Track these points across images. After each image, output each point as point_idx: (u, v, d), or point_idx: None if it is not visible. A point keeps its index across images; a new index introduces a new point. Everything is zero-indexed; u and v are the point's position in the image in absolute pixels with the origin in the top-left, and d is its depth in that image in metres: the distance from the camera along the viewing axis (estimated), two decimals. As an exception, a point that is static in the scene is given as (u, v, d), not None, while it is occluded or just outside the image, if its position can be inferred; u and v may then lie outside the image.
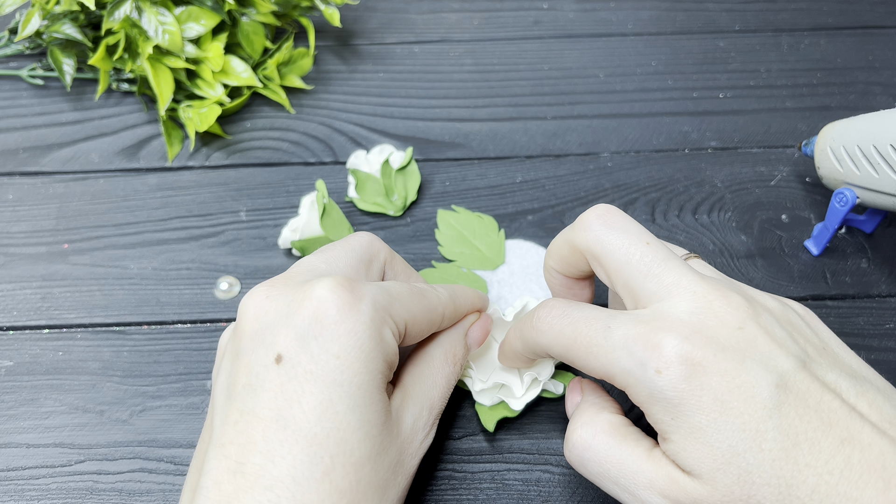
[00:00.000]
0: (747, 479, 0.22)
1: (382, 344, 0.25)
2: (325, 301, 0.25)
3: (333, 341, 0.24)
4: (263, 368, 0.24)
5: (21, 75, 0.47)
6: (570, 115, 0.46)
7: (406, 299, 0.27)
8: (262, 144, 0.44)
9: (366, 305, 0.25)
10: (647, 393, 0.23)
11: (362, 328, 0.25)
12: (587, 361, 0.25)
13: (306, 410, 0.23)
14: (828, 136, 0.37)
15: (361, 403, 0.24)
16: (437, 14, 0.52)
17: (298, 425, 0.23)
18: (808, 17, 0.51)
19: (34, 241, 0.40)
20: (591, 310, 0.26)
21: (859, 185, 0.36)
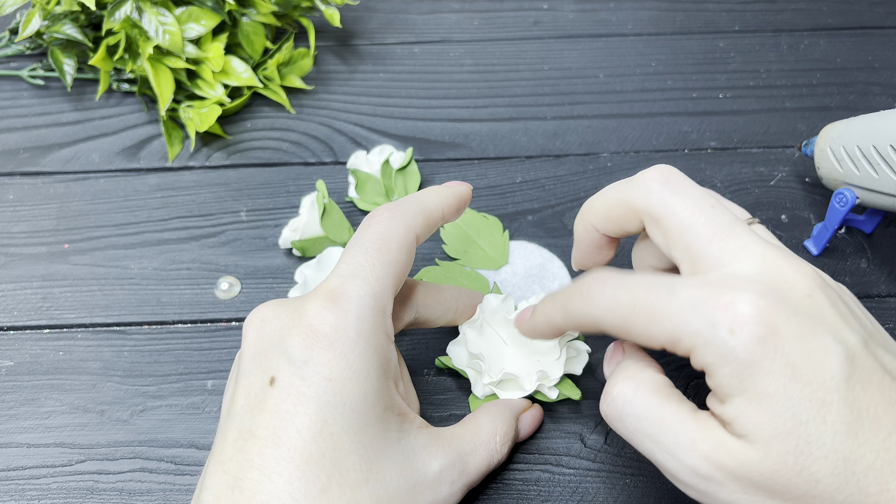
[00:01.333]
0: (805, 450, 0.21)
1: (376, 355, 0.25)
2: (313, 326, 0.25)
3: (324, 365, 0.24)
4: (260, 390, 0.25)
5: (22, 75, 0.47)
6: (570, 116, 0.46)
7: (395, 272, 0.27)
8: (263, 145, 0.45)
9: (352, 322, 0.25)
10: (717, 354, 0.22)
11: (350, 349, 0.24)
12: (648, 328, 0.23)
13: (300, 430, 0.23)
14: (828, 137, 0.37)
15: (356, 426, 0.24)
16: (437, 14, 0.52)
17: (293, 444, 0.23)
18: (807, 18, 0.51)
19: (35, 241, 0.40)
20: (648, 275, 0.24)
21: (859, 185, 0.36)
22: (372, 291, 0.26)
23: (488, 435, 0.29)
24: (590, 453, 0.33)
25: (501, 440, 0.29)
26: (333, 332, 0.24)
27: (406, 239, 0.27)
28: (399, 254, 0.27)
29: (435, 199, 0.29)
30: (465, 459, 0.28)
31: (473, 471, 0.28)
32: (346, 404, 0.24)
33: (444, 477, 0.26)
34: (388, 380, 0.26)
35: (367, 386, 0.25)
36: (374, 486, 0.24)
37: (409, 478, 0.25)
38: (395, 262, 0.26)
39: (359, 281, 0.25)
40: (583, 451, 0.33)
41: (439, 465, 0.26)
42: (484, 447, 0.29)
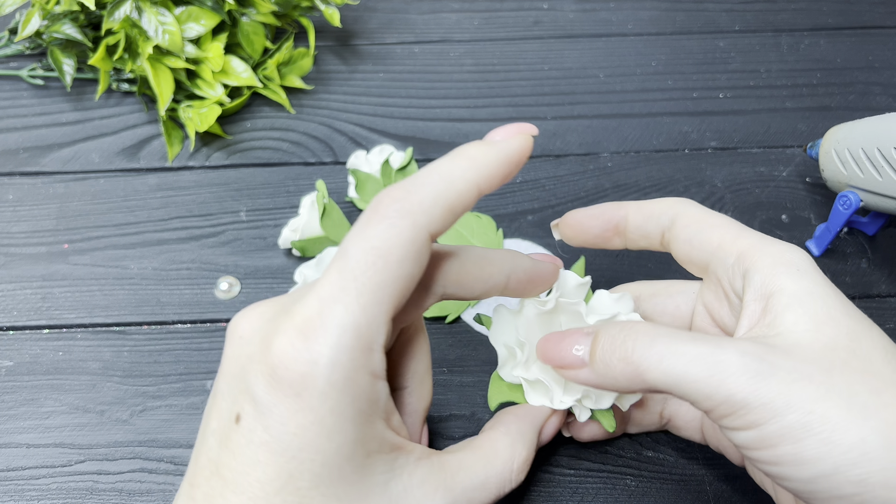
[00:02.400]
0: None
1: (354, 404, 0.21)
2: (277, 368, 0.21)
3: (289, 418, 0.21)
4: (228, 422, 0.22)
5: (21, 75, 0.47)
6: (570, 116, 0.46)
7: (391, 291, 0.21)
8: (263, 144, 0.45)
9: (323, 368, 0.20)
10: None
11: (319, 402, 0.21)
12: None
13: (262, 482, 0.21)
14: (832, 139, 0.37)
15: (328, 480, 0.21)
16: (437, 14, 0.52)
17: (255, 494, 0.21)
18: (807, 18, 0.51)
19: (34, 241, 0.40)
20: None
21: (863, 188, 0.36)
22: (354, 324, 0.21)
23: (504, 463, 0.26)
24: (590, 454, 0.33)
25: (518, 468, 0.26)
26: (300, 380, 0.20)
27: (413, 245, 0.21)
28: (400, 268, 0.21)
29: (467, 173, 0.23)
30: (469, 497, 0.24)
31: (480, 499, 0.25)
32: (314, 460, 0.21)
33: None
34: (373, 423, 0.22)
35: (342, 438, 0.21)
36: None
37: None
38: (394, 279, 0.21)
39: (339, 310, 0.21)
40: (583, 451, 0.33)
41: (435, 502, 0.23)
42: (496, 478, 0.25)
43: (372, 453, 0.22)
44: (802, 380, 0.21)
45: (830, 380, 0.21)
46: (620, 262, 0.39)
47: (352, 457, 0.22)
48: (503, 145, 0.24)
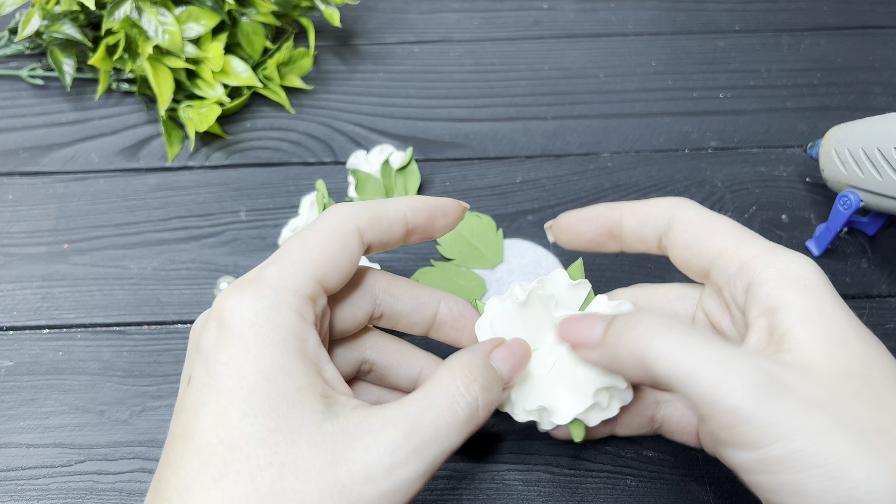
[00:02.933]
0: None
1: (279, 333, 0.23)
2: (219, 316, 0.24)
3: (223, 351, 0.23)
4: (182, 391, 0.24)
5: (21, 75, 0.47)
6: (571, 115, 0.46)
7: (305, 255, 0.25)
8: (262, 144, 0.44)
9: (248, 303, 0.23)
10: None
11: (246, 328, 0.23)
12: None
13: (202, 421, 0.23)
14: (832, 139, 0.37)
15: (256, 409, 0.22)
16: (437, 14, 0.52)
17: (196, 437, 0.23)
18: (808, 18, 0.51)
19: (34, 241, 0.40)
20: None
21: (863, 188, 0.36)
22: (280, 273, 0.24)
23: (448, 381, 0.24)
24: (590, 453, 0.33)
25: (465, 382, 0.24)
26: (232, 316, 0.23)
27: (341, 228, 0.26)
28: (329, 241, 0.25)
29: (397, 203, 0.27)
30: (413, 422, 0.23)
31: (428, 432, 0.23)
32: (243, 387, 0.22)
33: (382, 449, 0.22)
34: (303, 360, 0.23)
35: (267, 365, 0.23)
36: (281, 469, 0.22)
37: (331, 458, 0.22)
38: (322, 248, 0.25)
39: (272, 267, 0.24)
40: (583, 451, 0.33)
41: (372, 436, 0.23)
42: (442, 397, 0.24)
43: (302, 389, 0.23)
44: (813, 407, 0.21)
45: (841, 410, 0.21)
46: (620, 261, 0.39)
47: (280, 387, 0.23)
48: (437, 200, 0.28)
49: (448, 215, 0.29)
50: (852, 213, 0.36)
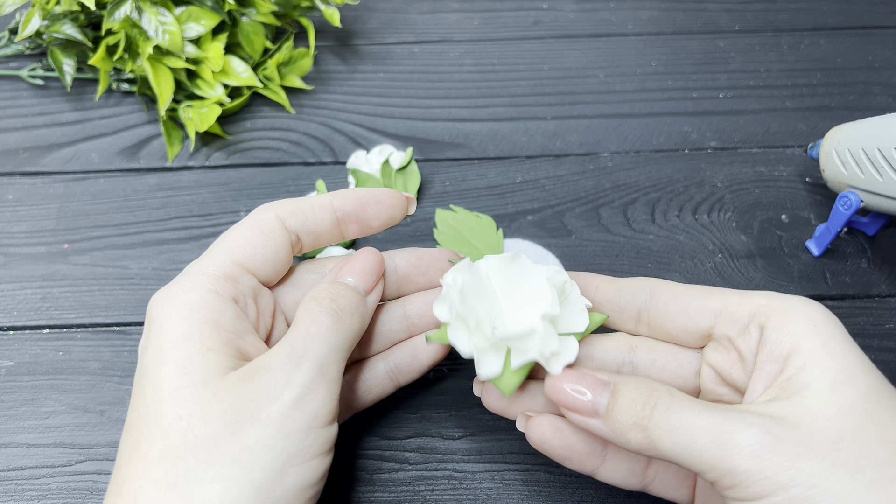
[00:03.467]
0: None
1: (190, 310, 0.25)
2: (147, 315, 0.26)
3: (144, 339, 0.26)
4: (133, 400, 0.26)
5: (21, 75, 0.47)
6: (570, 116, 0.46)
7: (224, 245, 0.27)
8: (263, 144, 0.45)
9: (171, 292, 0.26)
10: None
11: (159, 312, 0.25)
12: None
13: (130, 407, 0.25)
14: (833, 139, 0.37)
15: (164, 375, 0.24)
16: (437, 14, 0.52)
17: (127, 422, 0.25)
18: (808, 18, 0.51)
19: (34, 241, 0.40)
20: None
21: (863, 188, 0.36)
22: (200, 265, 0.26)
23: (303, 307, 0.27)
24: (590, 453, 0.33)
25: (317, 301, 0.27)
26: (152, 307, 0.26)
27: (260, 219, 0.28)
28: (248, 231, 0.27)
29: (325, 195, 0.29)
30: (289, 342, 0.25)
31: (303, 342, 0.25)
32: (155, 360, 0.24)
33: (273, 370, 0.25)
34: (214, 327, 0.25)
35: (177, 335, 0.25)
36: (190, 420, 0.23)
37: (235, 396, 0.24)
38: (239, 236, 0.27)
39: (193, 262, 0.27)
40: (583, 451, 0.33)
41: (263, 364, 0.25)
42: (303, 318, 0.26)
43: (212, 349, 0.25)
44: (808, 453, 0.21)
45: (838, 452, 0.21)
46: (620, 261, 0.39)
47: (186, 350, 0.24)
48: (373, 188, 0.30)
49: (381, 202, 0.29)
50: (852, 213, 0.36)
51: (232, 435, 0.23)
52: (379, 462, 0.33)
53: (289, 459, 0.24)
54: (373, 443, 0.33)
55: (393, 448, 0.33)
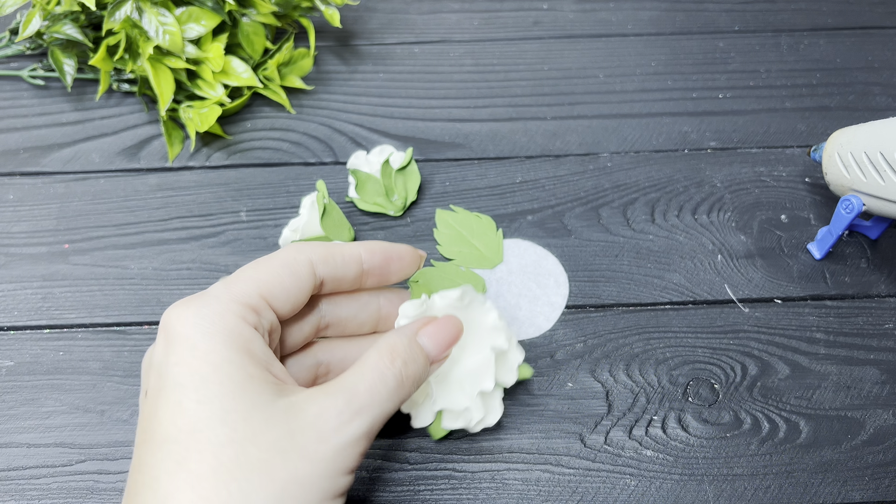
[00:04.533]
0: None
1: (225, 332, 0.26)
2: (167, 328, 0.26)
3: (172, 353, 0.25)
4: (141, 406, 0.26)
5: (22, 76, 0.47)
6: (570, 116, 0.46)
7: (252, 275, 0.28)
8: (263, 145, 0.45)
9: (194, 311, 0.26)
10: None
11: (192, 330, 0.26)
12: None
13: (161, 418, 0.25)
14: (836, 143, 0.37)
15: (211, 396, 0.25)
16: (437, 14, 0.52)
17: (156, 434, 0.25)
18: (807, 18, 0.51)
19: (35, 241, 0.40)
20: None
21: (866, 192, 0.36)
22: (226, 287, 0.27)
23: (376, 358, 0.28)
24: (589, 453, 0.33)
25: (390, 357, 0.28)
26: (178, 323, 0.26)
27: (294, 258, 0.28)
28: (280, 268, 0.28)
29: (354, 244, 0.30)
30: (351, 391, 0.27)
31: (365, 398, 0.27)
32: (195, 379, 0.25)
33: (328, 414, 0.26)
34: (251, 356, 0.26)
35: (217, 358, 0.25)
36: (242, 443, 0.24)
37: (287, 427, 0.25)
38: (270, 271, 0.28)
39: (220, 285, 0.27)
40: (582, 450, 0.33)
41: (319, 407, 0.26)
42: (372, 371, 0.28)
43: (254, 377, 0.26)
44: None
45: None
46: (619, 261, 0.39)
47: (230, 375, 0.25)
48: (395, 246, 0.31)
49: (402, 259, 0.31)
50: (854, 217, 0.36)
51: (283, 464, 0.25)
52: (379, 461, 0.33)
53: (324, 496, 0.25)
54: (373, 442, 0.33)
55: (393, 447, 0.33)
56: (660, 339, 0.36)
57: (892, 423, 0.34)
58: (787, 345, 0.36)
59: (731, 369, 0.35)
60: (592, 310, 0.38)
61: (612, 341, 0.36)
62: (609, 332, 0.37)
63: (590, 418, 0.34)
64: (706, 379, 0.35)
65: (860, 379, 0.35)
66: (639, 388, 0.35)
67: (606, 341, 0.36)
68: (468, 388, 0.32)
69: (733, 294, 0.38)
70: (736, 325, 0.37)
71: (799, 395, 0.35)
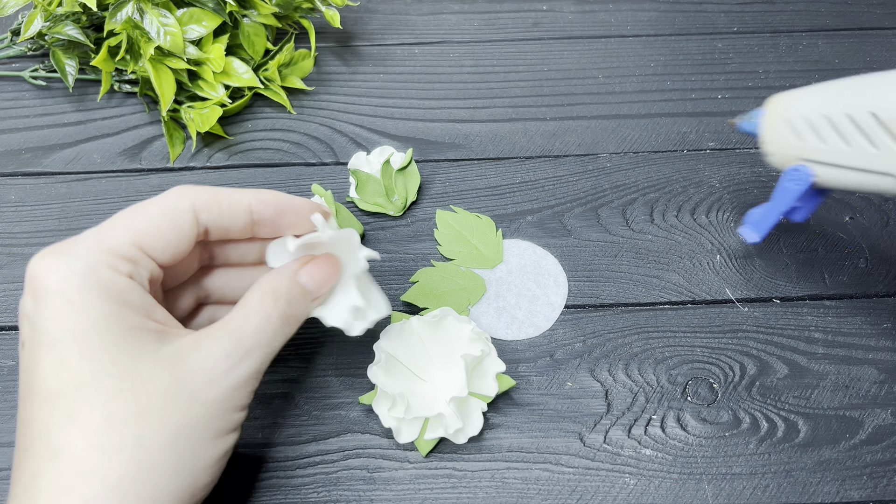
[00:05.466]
0: None
1: (99, 285, 0.25)
2: (33, 280, 0.26)
3: (47, 307, 0.25)
4: (20, 358, 0.26)
5: (24, 76, 0.47)
6: (570, 116, 0.46)
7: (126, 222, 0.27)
8: (264, 145, 0.45)
9: (65, 262, 0.25)
10: None
11: (66, 284, 0.25)
12: None
13: (42, 372, 0.25)
14: (780, 108, 0.33)
15: (94, 349, 0.25)
16: (437, 16, 0.52)
17: (40, 387, 0.25)
18: (806, 19, 0.51)
19: (37, 242, 0.40)
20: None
21: (821, 160, 0.31)
22: (97, 236, 0.26)
23: (259, 301, 0.28)
24: (589, 452, 0.33)
25: (273, 298, 0.28)
26: (48, 277, 0.25)
27: (175, 204, 0.27)
28: (158, 215, 0.27)
29: (244, 191, 0.29)
30: (238, 333, 0.27)
31: (252, 340, 0.27)
32: (76, 334, 0.25)
33: (217, 356, 0.26)
34: (128, 307, 0.26)
35: (96, 313, 0.25)
36: (132, 392, 0.25)
37: (175, 373, 0.26)
38: (147, 219, 0.27)
39: (91, 233, 0.27)
40: (582, 449, 0.33)
41: (206, 352, 0.26)
42: (257, 312, 0.28)
43: (134, 328, 0.26)
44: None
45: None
46: (619, 261, 0.39)
47: (111, 328, 0.25)
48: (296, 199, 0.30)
49: (299, 213, 0.30)
50: (804, 189, 0.32)
51: (175, 408, 0.25)
52: (379, 460, 0.33)
53: (218, 433, 0.27)
54: (373, 441, 0.33)
55: (393, 446, 0.33)
56: (659, 339, 0.37)
57: (890, 422, 0.34)
58: (786, 344, 0.36)
59: (730, 369, 0.36)
60: (592, 309, 0.38)
61: (612, 341, 0.37)
62: (608, 331, 0.37)
63: (589, 417, 0.34)
64: (705, 378, 0.35)
65: (858, 378, 0.35)
66: (638, 388, 0.35)
67: (606, 341, 0.36)
68: (442, 395, 0.33)
69: (732, 294, 0.38)
70: (735, 325, 0.37)
71: (797, 395, 0.35)
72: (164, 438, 0.25)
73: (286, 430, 0.34)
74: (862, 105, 0.30)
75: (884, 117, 0.29)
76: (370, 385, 0.35)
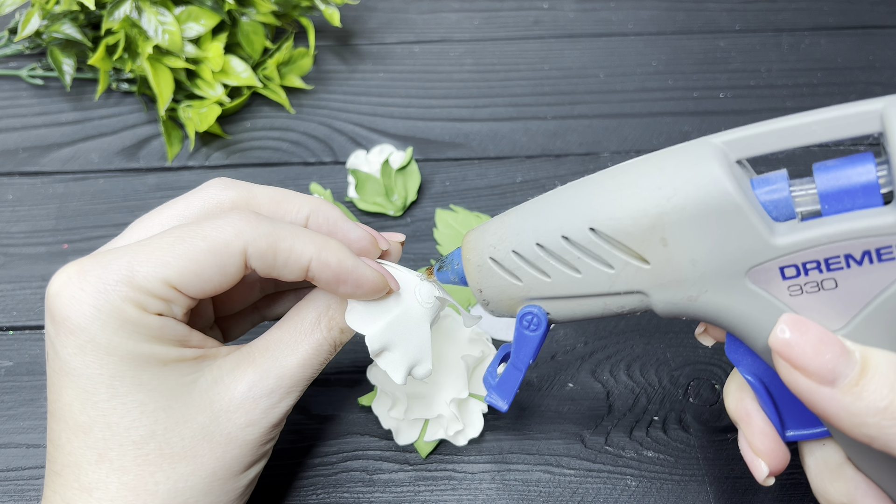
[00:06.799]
0: None
1: (131, 328, 0.23)
2: (55, 298, 0.24)
3: (69, 338, 0.23)
4: (48, 364, 0.25)
5: (21, 75, 0.47)
6: (571, 115, 0.46)
7: (165, 256, 0.24)
8: (262, 144, 0.44)
9: (88, 294, 0.23)
10: None
11: (91, 324, 0.23)
12: None
13: (70, 404, 0.24)
14: (480, 247, 0.26)
15: (124, 391, 0.24)
16: (437, 14, 0.52)
17: (67, 417, 0.24)
18: (808, 17, 0.51)
19: (34, 241, 0.40)
20: None
21: (552, 295, 0.25)
22: (129, 268, 0.23)
23: (310, 326, 0.26)
24: (590, 454, 0.33)
25: (329, 326, 0.26)
26: (72, 309, 0.23)
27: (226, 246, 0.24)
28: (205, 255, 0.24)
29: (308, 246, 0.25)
30: (281, 365, 0.26)
31: (298, 375, 0.26)
32: (103, 374, 0.23)
33: (257, 392, 0.25)
34: (161, 341, 0.24)
35: (124, 354, 0.23)
36: (165, 435, 0.24)
37: (211, 412, 0.25)
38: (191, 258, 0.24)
39: (122, 258, 0.24)
40: (583, 451, 0.33)
41: (247, 384, 0.25)
42: (306, 343, 0.26)
43: (169, 362, 0.24)
44: None
45: None
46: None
47: (143, 366, 0.24)
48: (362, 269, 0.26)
49: (359, 287, 0.26)
50: (545, 332, 0.26)
51: (211, 451, 0.25)
52: (379, 462, 0.33)
53: (250, 465, 0.26)
54: (373, 443, 0.33)
55: (393, 448, 0.33)
56: (660, 340, 0.36)
57: (893, 423, 0.34)
58: (789, 345, 0.36)
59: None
60: (593, 310, 0.37)
61: (613, 342, 0.36)
62: (610, 332, 0.37)
63: (590, 419, 0.34)
64: (707, 379, 0.35)
65: (861, 379, 0.35)
66: (640, 389, 0.35)
67: (607, 342, 0.36)
68: (443, 397, 0.33)
69: (734, 294, 0.38)
70: (737, 326, 0.37)
71: (800, 396, 0.35)
72: (198, 481, 0.25)
73: (285, 432, 0.34)
74: (578, 224, 0.24)
75: (608, 231, 0.24)
76: (370, 386, 0.35)
